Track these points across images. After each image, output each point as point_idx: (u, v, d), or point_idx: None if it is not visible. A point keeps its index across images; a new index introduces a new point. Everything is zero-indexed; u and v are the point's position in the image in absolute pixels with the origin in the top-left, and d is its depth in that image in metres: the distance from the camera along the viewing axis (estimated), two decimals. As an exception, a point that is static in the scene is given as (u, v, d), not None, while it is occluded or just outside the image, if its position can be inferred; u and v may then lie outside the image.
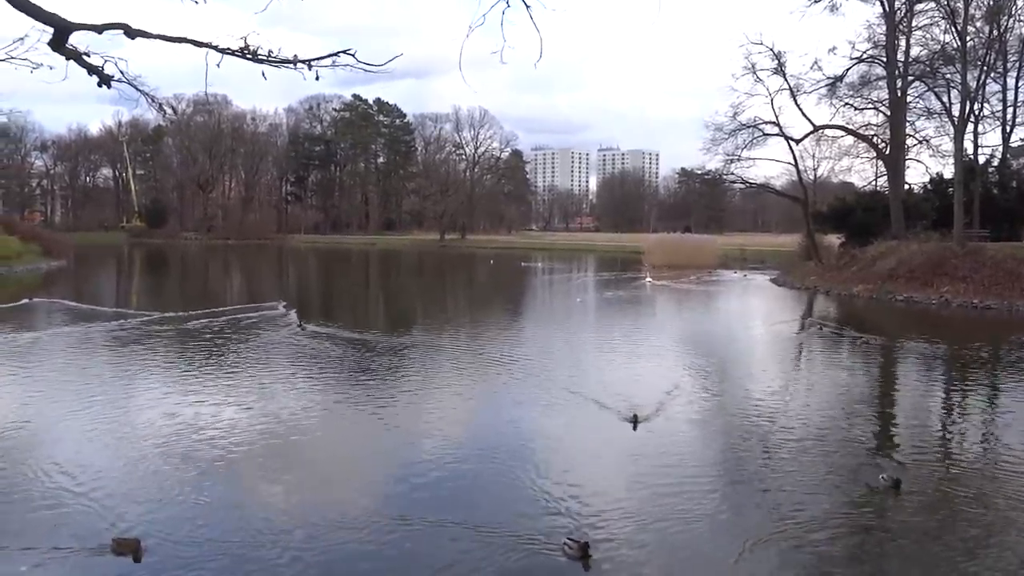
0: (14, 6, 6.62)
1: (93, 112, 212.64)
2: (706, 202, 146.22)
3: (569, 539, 8.03)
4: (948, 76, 43.79)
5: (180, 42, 6.87)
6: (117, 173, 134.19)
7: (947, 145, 46.33)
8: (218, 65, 6.89)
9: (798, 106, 48.73)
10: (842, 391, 16.83)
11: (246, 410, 13.66)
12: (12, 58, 11.50)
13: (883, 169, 50.25)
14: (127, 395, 14.99)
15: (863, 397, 16.60)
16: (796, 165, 51.90)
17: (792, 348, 24.19)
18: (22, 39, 10.81)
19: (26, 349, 20.05)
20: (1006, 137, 48.60)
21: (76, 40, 6.93)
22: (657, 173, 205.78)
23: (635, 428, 12.27)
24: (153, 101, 8.10)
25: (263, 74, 6.91)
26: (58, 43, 6.83)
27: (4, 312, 27.44)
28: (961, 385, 17.99)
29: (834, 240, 51.60)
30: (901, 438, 12.94)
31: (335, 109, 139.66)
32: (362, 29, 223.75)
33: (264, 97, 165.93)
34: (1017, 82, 47.07)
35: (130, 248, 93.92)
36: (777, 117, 47.94)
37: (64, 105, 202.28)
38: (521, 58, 7.25)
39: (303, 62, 6.89)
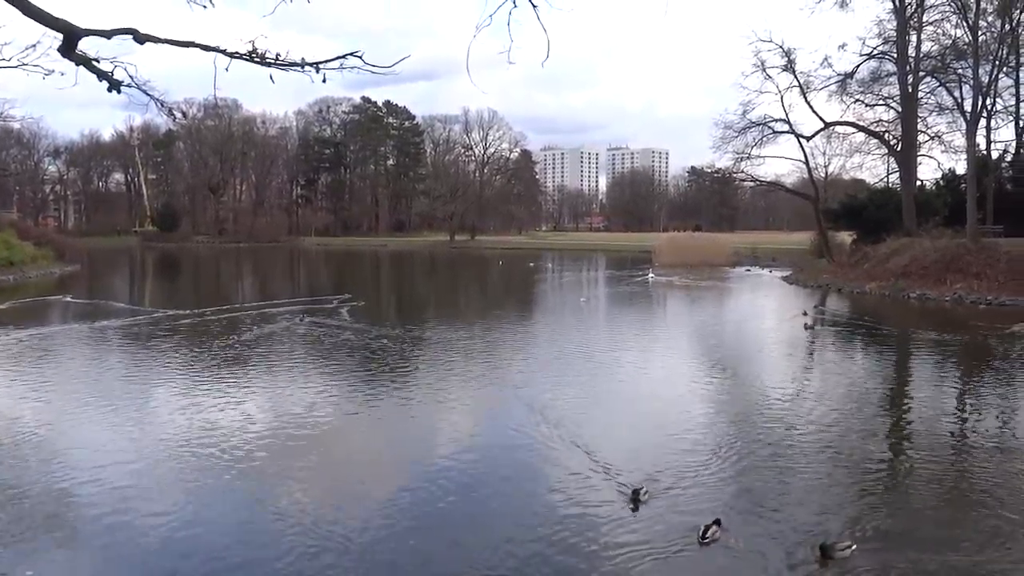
0: (25, 13, 6.69)
1: (105, 117, 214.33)
2: (717, 200, 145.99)
3: None
4: (960, 71, 43.64)
5: (188, 47, 6.92)
6: (129, 178, 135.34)
7: (959, 141, 46.12)
8: (227, 69, 6.94)
9: (808, 103, 48.68)
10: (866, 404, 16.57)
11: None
12: (25, 65, 11.60)
13: (895, 166, 49.95)
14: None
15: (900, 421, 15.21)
16: (807, 162, 51.75)
17: (803, 349, 24.02)
18: (34, 46, 10.90)
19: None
20: (1019, 132, 48.29)
21: (86, 46, 7.01)
22: (667, 172, 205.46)
23: (636, 509, 9.26)
24: (163, 106, 8.14)
25: (271, 77, 6.95)
26: (68, 49, 6.90)
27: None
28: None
29: (846, 237, 51.28)
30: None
31: (344, 112, 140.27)
32: (375, 31, 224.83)
33: (274, 101, 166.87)
34: (1030, 76, 46.78)
35: (144, 252, 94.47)
36: (787, 114, 47.96)
37: (76, 111, 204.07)
38: (531, 58, 7.25)
39: (311, 65, 6.92)
